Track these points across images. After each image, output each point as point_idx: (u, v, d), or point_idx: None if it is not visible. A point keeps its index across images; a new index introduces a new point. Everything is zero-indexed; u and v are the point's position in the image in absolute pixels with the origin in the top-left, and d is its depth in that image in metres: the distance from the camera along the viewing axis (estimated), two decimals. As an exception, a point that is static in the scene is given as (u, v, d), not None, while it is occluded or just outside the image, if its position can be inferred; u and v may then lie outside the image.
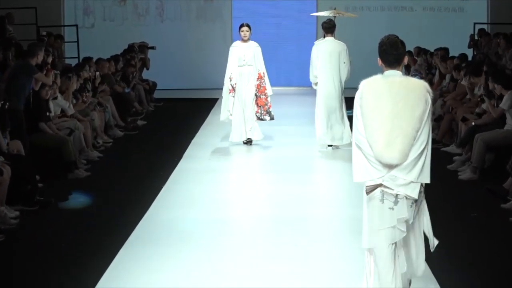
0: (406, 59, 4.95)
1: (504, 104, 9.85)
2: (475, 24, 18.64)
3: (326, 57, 11.48)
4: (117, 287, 6.01)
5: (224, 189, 9.55)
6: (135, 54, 16.97)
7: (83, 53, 17.45)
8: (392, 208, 4.77)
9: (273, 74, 14.70)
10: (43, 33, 16.16)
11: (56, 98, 10.90)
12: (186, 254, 6.79)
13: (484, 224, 7.81)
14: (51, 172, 9.67)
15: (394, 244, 4.84)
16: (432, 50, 15.78)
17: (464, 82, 12.29)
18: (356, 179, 4.88)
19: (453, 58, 14.21)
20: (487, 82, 10.63)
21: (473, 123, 10.51)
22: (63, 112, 11.11)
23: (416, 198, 4.77)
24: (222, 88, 12.10)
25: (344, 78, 11.55)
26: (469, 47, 17.66)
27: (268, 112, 11.88)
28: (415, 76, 12.95)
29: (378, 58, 4.89)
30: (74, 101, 11.77)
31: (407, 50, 5.25)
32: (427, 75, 15.42)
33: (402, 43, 4.88)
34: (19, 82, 9.62)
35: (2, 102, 8.80)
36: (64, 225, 7.91)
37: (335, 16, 12.72)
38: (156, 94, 17.81)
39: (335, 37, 11.59)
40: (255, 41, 12.05)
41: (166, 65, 19.59)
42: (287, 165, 10.77)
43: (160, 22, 20.52)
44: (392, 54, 4.83)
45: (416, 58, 16.79)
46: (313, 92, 12.41)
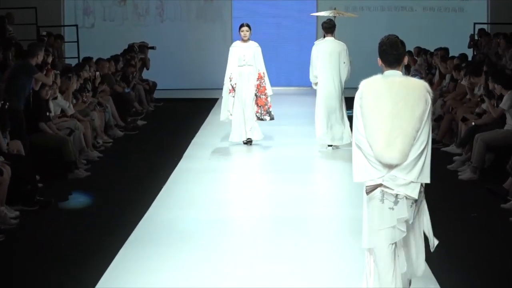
0: (406, 59, 4.94)
1: (504, 104, 9.84)
2: (475, 24, 18.62)
3: (326, 57, 11.47)
4: (117, 287, 6.01)
5: (224, 189, 9.55)
6: (135, 54, 16.95)
7: (83, 53, 17.44)
8: (392, 208, 4.77)
9: (273, 74, 14.68)
10: (43, 33, 16.13)
11: (56, 98, 10.89)
12: (186, 254, 6.78)
13: (484, 224, 7.80)
14: (51, 172, 9.67)
15: (394, 244, 4.84)
16: (432, 50, 15.77)
17: (464, 82, 12.28)
18: (356, 179, 4.87)
19: (453, 58, 14.20)
20: (487, 82, 10.63)
21: (473, 123, 10.50)
22: (63, 112, 11.10)
23: (416, 198, 4.77)
24: (222, 88, 12.09)
25: (344, 78, 11.54)
26: (469, 47, 17.65)
27: (268, 112, 11.87)
28: (415, 76, 12.95)
29: (378, 58, 4.89)
30: (74, 101, 11.76)
31: (407, 50, 5.24)
32: (427, 75, 15.41)
33: (402, 43, 4.88)
34: (19, 82, 9.61)
35: (2, 102, 8.79)
36: (64, 225, 7.91)
37: (335, 16, 12.71)
38: (156, 94, 17.79)
39: (335, 37, 11.58)
40: (255, 41, 12.03)
41: (166, 65, 19.57)
42: (287, 165, 10.76)
43: (160, 22, 20.50)
44: (392, 54, 4.83)
45: (416, 58, 16.77)
46: (313, 92, 12.40)
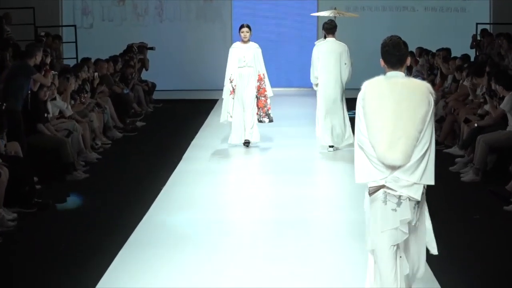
0: (408, 60, 4.94)
1: (504, 106, 9.78)
2: (477, 24, 18.56)
3: (327, 58, 11.41)
4: (116, 289, 5.99)
5: (223, 190, 9.53)
6: (134, 55, 16.91)
7: (81, 53, 17.34)
8: (395, 210, 4.76)
9: (273, 75, 14.64)
10: (42, 33, 16.07)
11: (54, 99, 10.85)
12: (186, 255, 6.77)
13: (487, 226, 7.77)
14: (49, 173, 9.63)
15: (396, 245, 4.82)
16: (434, 50, 15.71)
17: (466, 83, 12.21)
18: (358, 180, 4.86)
19: (455, 58, 14.15)
20: (490, 83, 10.56)
21: (475, 125, 10.43)
22: (61, 113, 11.06)
23: (419, 199, 4.76)
24: (222, 89, 12.03)
25: (345, 79, 11.48)
26: (471, 47, 17.60)
27: (267, 114, 11.81)
28: (416, 77, 12.87)
29: (381, 59, 4.89)
30: (72, 102, 11.72)
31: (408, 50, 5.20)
32: (429, 75, 15.36)
33: (405, 44, 4.89)
34: (17, 83, 9.57)
35: (0, 103, 8.75)
36: (62, 227, 7.87)
37: (335, 16, 12.65)
38: (155, 95, 17.76)
39: (336, 37, 11.52)
40: (255, 41, 11.98)
41: (166, 65, 19.52)
42: (287, 166, 10.72)
43: (159, 22, 20.45)
44: (394, 55, 4.82)
45: (418, 58, 16.71)
46: (313, 93, 12.34)
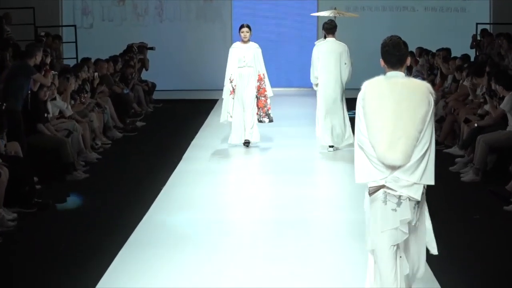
0: (409, 60, 4.94)
1: (504, 106, 9.78)
2: (477, 24, 18.54)
3: (327, 58, 11.41)
4: (116, 289, 5.99)
5: (223, 190, 9.52)
6: (134, 55, 16.90)
7: (81, 53, 17.33)
8: (395, 210, 4.76)
9: (273, 74, 14.62)
10: (42, 33, 16.06)
11: (54, 99, 10.85)
12: (185, 255, 6.76)
13: (487, 226, 7.77)
14: (49, 173, 9.63)
15: (396, 245, 4.82)
16: (434, 50, 15.70)
17: (466, 83, 12.21)
18: (358, 180, 4.86)
19: (455, 58, 14.14)
20: (490, 83, 10.55)
21: (475, 125, 10.43)
22: (61, 113, 11.06)
23: (419, 199, 4.76)
24: (222, 89, 12.02)
25: (345, 79, 11.48)
26: (471, 47, 17.59)
27: (267, 114, 11.80)
28: (416, 77, 12.86)
29: (381, 59, 4.89)
30: (72, 102, 11.71)
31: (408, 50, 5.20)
32: (429, 76, 15.35)
33: (405, 44, 4.89)
34: (17, 83, 9.57)
35: (0, 103, 8.75)
36: (62, 227, 7.87)
37: (335, 16, 12.64)
38: (155, 95, 17.75)
39: (336, 37, 11.52)
40: (255, 41, 11.97)
41: (166, 65, 19.51)
42: (287, 166, 10.71)
43: (159, 22, 20.44)
44: (394, 55, 4.82)
45: (418, 58, 16.70)
46: (313, 93, 12.33)
